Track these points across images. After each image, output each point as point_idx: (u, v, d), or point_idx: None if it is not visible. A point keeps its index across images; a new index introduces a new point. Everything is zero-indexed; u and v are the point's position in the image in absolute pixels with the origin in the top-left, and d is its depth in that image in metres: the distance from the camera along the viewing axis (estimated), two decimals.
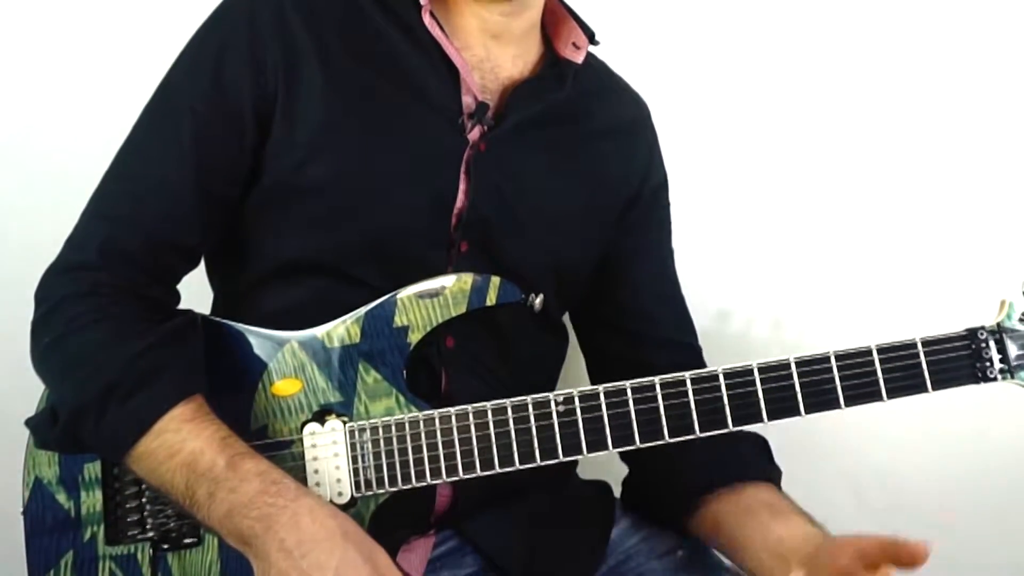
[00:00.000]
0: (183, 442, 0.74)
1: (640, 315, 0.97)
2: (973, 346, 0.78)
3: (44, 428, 0.79)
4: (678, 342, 0.98)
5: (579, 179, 0.92)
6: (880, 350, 0.78)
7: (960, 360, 0.78)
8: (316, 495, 0.76)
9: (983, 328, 0.79)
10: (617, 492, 0.98)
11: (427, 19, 0.86)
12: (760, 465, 0.89)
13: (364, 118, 0.85)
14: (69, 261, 0.82)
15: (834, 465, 1.07)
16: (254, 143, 0.83)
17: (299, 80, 0.83)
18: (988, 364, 0.78)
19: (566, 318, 1.01)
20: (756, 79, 1.19)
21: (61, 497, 0.82)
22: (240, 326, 0.84)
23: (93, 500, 0.82)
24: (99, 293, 0.80)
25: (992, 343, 0.78)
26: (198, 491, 0.73)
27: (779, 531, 0.82)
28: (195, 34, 0.86)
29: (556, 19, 0.93)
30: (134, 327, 0.78)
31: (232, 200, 0.85)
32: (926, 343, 0.78)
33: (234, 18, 0.85)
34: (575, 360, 1.02)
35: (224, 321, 0.84)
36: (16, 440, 0.84)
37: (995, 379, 0.78)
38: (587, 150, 0.93)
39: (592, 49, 0.95)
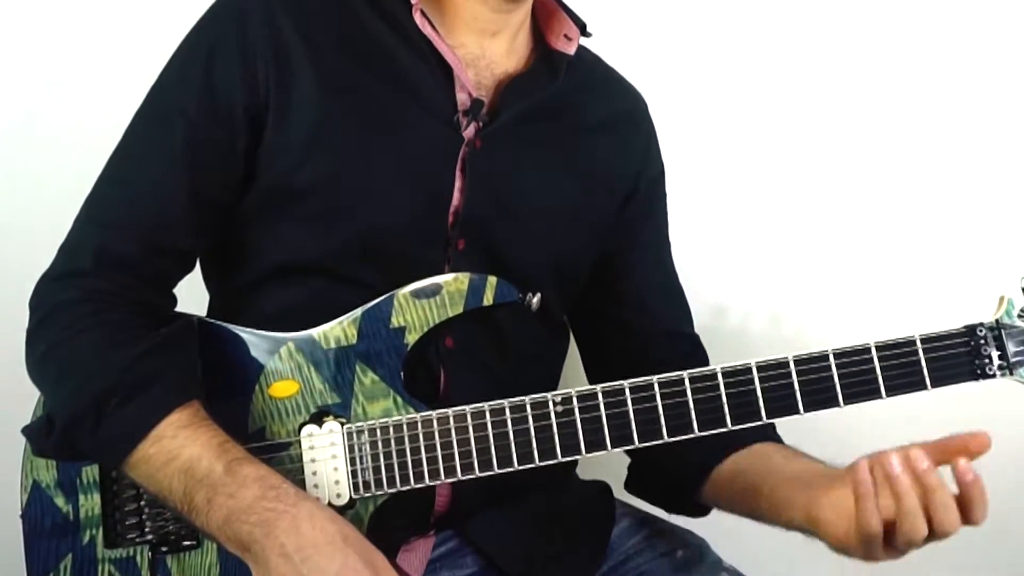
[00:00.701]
0: (180, 448, 0.74)
1: (640, 308, 0.98)
2: (972, 343, 0.78)
3: (40, 436, 0.79)
4: (678, 333, 0.98)
5: (576, 174, 0.92)
6: (879, 347, 0.78)
7: (959, 357, 0.78)
8: (316, 499, 0.76)
9: (982, 325, 0.79)
10: (617, 492, 0.98)
11: (418, 17, 0.86)
12: (765, 432, 0.88)
13: (358, 118, 0.85)
14: (63, 268, 0.83)
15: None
16: (246, 146, 0.83)
17: (292, 82, 0.83)
18: (987, 361, 0.78)
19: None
20: (752, 73, 1.19)
21: (59, 500, 0.82)
22: (237, 328, 0.84)
23: (91, 503, 0.82)
24: (94, 299, 0.80)
25: (991, 340, 0.78)
26: (196, 497, 0.73)
27: (798, 466, 0.83)
28: (186, 37, 0.87)
29: (547, 11, 0.93)
30: (129, 333, 0.79)
31: (226, 203, 0.85)
32: (925, 340, 0.78)
33: (224, 21, 0.85)
34: (576, 359, 1.02)
35: (221, 323, 0.84)
36: (15, 443, 0.84)
37: (994, 376, 0.78)
38: (583, 144, 0.94)
39: (586, 42, 0.95)
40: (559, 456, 0.79)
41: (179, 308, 0.87)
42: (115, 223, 0.82)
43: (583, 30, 0.93)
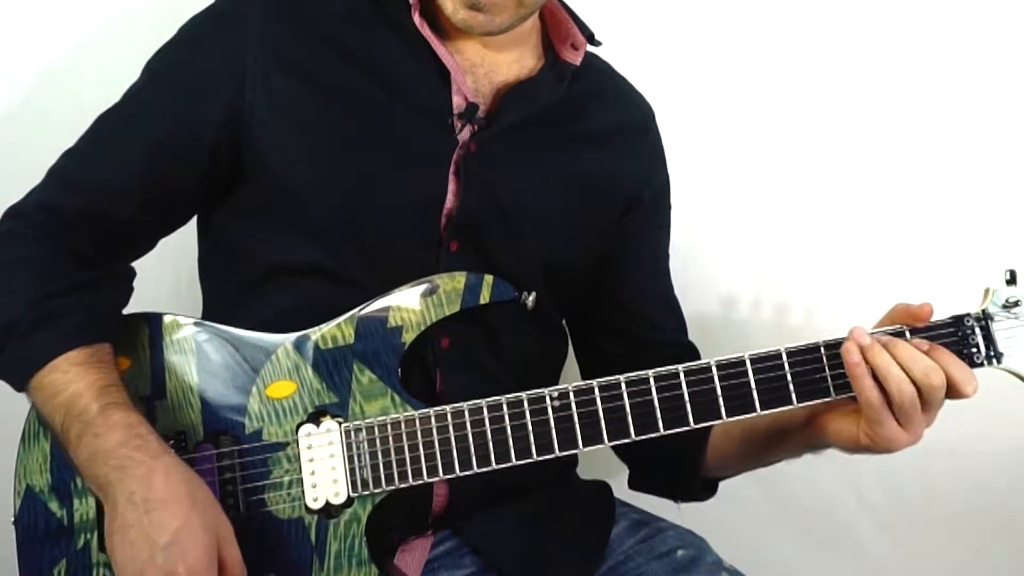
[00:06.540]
0: (68, 383, 0.82)
1: (640, 317, 1.03)
2: (959, 333, 0.84)
3: None
4: (678, 343, 1.04)
5: (574, 180, 0.98)
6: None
7: (947, 347, 0.83)
8: (175, 457, 0.81)
9: (969, 315, 0.85)
10: (617, 492, 1.03)
11: (417, 19, 0.92)
12: None
13: (352, 119, 0.91)
14: (20, 206, 0.90)
15: (834, 465, 1.13)
16: (216, 139, 0.90)
17: (285, 81, 0.89)
18: (975, 350, 0.84)
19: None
20: (758, 74, 1.27)
21: (53, 505, 0.87)
22: (233, 330, 0.89)
23: (86, 507, 0.86)
24: (32, 238, 0.87)
25: (978, 329, 0.85)
26: (70, 432, 0.81)
27: None
28: (183, 25, 0.93)
29: (556, 21, 0.98)
30: (55, 271, 0.86)
31: (182, 188, 0.92)
32: (914, 331, 0.84)
33: (221, 17, 0.92)
34: (574, 360, 1.08)
35: (217, 325, 0.90)
36: (8, 449, 0.89)
37: (982, 364, 0.84)
38: (584, 151, 0.99)
39: (598, 50, 1.01)
40: (556, 451, 0.85)
41: (178, 309, 0.92)
42: (68, 179, 0.91)
43: (591, 39, 0.99)
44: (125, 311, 0.91)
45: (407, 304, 0.88)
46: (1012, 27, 1.23)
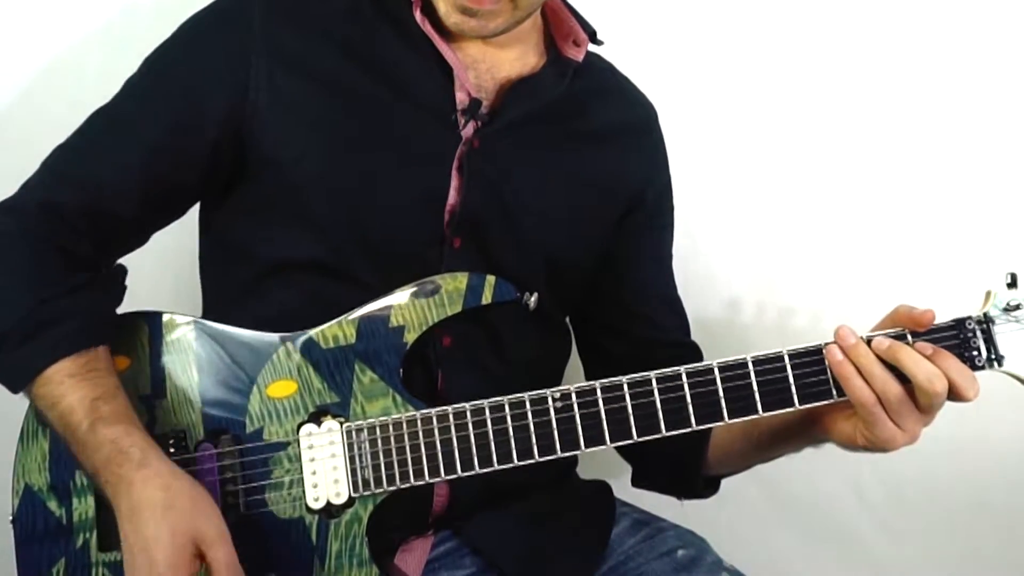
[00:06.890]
0: (62, 396, 0.83)
1: (644, 318, 1.04)
2: (961, 336, 0.85)
3: None
4: (681, 343, 1.05)
5: (576, 178, 0.98)
6: (871, 341, 0.84)
7: (948, 350, 0.84)
8: (159, 465, 0.82)
9: (970, 318, 0.86)
10: (617, 492, 1.04)
11: (419, 16, 0.92)
12: None
13: (354, 116, 0.91)
14: (13, 203, 0.90)
15: (834, 465, 1.14)
16: (218, 137, 0.90)
17: (287, 80, 0.90)
18: (976, 353, 0.85)
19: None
20: (761, 75, 1.27)
21: (52, 504, 0.87)
22: (234, 328, 0.90)
23: (85, 507, 0.87)
24: (28, 238, 0.88)
25: (979, 332, 0.85)
26: (71, 445, 0.84)
27: None
28: (184, 23, 0.94)
29: (558, 19, 0.99)
30: (47, 276, 0.86)
31: (183, 185, 0.92)
32: (915, 333, 0.85)
33: (223, 15, 0.92)
34: (577, 361, 1.09)
35: (218, 324, 0.90)
36: (6, 448, 0.90)
37: (983, 368, 0.85)
38: (586, 149, 0.99)
39: (600, 50, 1.02)
40: (558, 451, 0.85)
41: (177, 308, 0.92)
42: (66, 175, 0.90)
43: (592, 37, 0.99)
44: (124, 310, 0.91)
45: (409, 304, 0.89)
46: (1013, 29, 1.24)
